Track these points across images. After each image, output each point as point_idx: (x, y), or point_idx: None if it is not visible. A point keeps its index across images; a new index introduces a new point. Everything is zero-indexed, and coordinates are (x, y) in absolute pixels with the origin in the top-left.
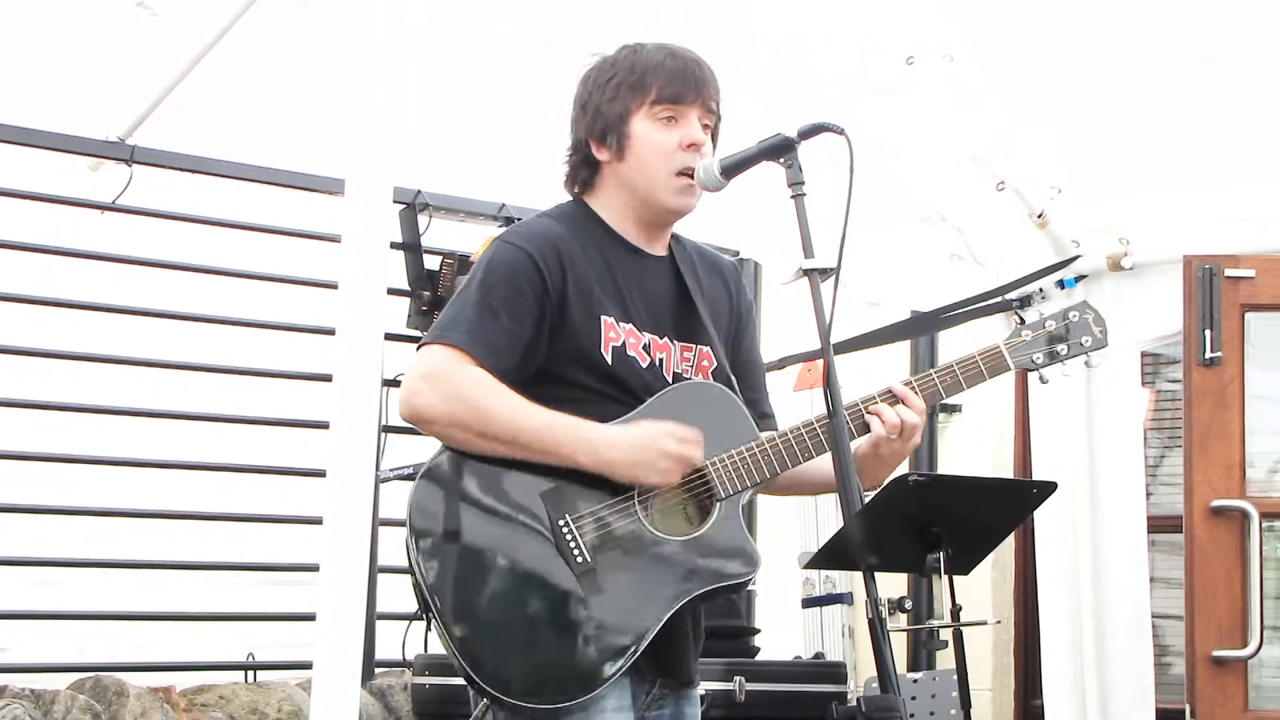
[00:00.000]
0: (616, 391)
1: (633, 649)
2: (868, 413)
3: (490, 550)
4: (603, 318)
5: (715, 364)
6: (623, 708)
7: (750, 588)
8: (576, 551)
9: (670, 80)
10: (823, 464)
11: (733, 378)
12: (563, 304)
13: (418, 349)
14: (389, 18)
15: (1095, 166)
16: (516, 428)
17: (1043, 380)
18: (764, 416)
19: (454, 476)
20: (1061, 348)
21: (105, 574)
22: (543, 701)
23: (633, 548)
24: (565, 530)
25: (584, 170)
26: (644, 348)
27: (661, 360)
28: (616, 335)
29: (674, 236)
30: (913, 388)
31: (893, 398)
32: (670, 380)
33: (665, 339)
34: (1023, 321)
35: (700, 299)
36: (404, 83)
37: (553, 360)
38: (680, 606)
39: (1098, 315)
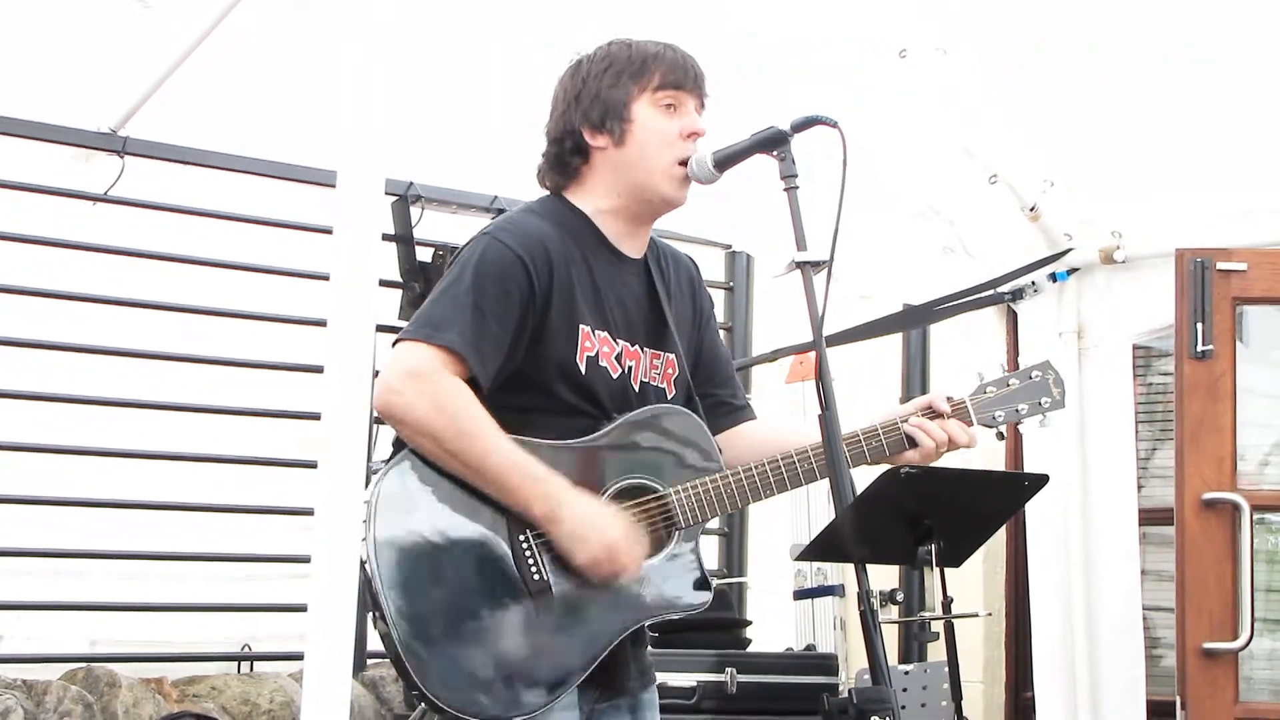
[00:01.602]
0: (584, 403)
1: (579, 673)
2: (911, 426)
3: (448, 560)
4: (581, 326)
5: (678, 372)
6: (569, 706)
7: (742, 580)
8: (534, 569)
9: (672, 68)
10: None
11: (691, 385)
12: (545, 311)
13: (397, 343)
14: (381, 9)
15: (1088, 160)
16: (487, 458)
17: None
18: (741, 409)
19: (418, 481)
20: (1022, 406)
21: (97, 565)
22: (480, 716)
23: None
24: (525, 547)
25: (575, 159)
26: (616, 357)
27: (631, 368)
28: (591, 345)
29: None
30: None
31: (932, 412)
32: (637, 389)
33: (636, 346)
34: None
35: (668, 305)
36: (396, 74)
37: (527, 365)
38: (629, 632)
39: (1058, 377)
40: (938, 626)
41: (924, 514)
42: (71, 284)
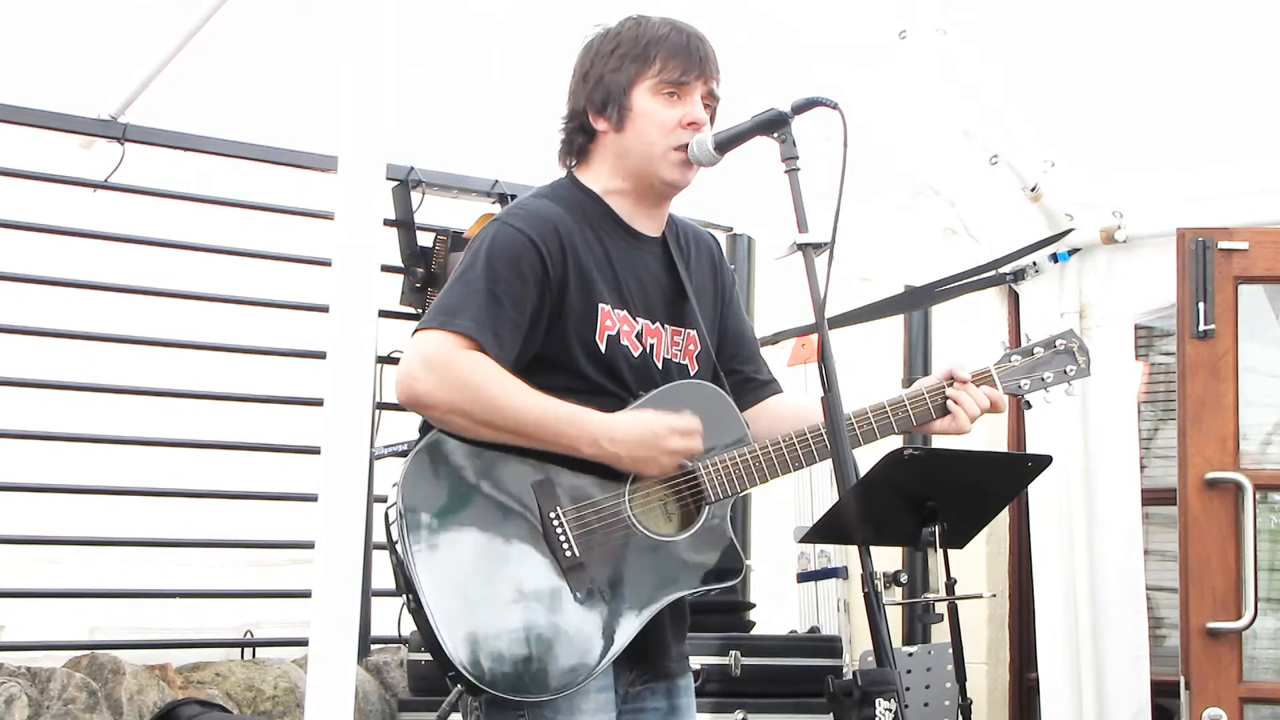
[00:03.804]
0: (607, 381)
1: (615, 647)
2: (950, 393)
3: (479, 539)
4: (599, 305)
5: (700, 348)
6: (606, 688)
7: (746, 562)
8: (566, 545)
9: (674, 54)
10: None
11: (716, 362)
12: (563, 291)
13: (415, 332)
14: None
15: (1089, 140)
16: (520, 416)
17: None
18: (766, 384)
19: (446, 462)
20: (1048, 374)
21: (102, 552)
22: (520, 694)
23: (621, 545)
24: (555, 523)
25: (579, 138)
26: (636, 335)
27: (652, 346)
28: (612, 324)
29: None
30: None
31: (955, 381)
32: (660, 366)
33: (657, 324)
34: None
35: (688, 281)
36: (397, 59)
37: (549, 347)
38: (664, 606)
39: (1082, 345)
40: (941, 608)
41: (927, 496)
42: (72, 271)
